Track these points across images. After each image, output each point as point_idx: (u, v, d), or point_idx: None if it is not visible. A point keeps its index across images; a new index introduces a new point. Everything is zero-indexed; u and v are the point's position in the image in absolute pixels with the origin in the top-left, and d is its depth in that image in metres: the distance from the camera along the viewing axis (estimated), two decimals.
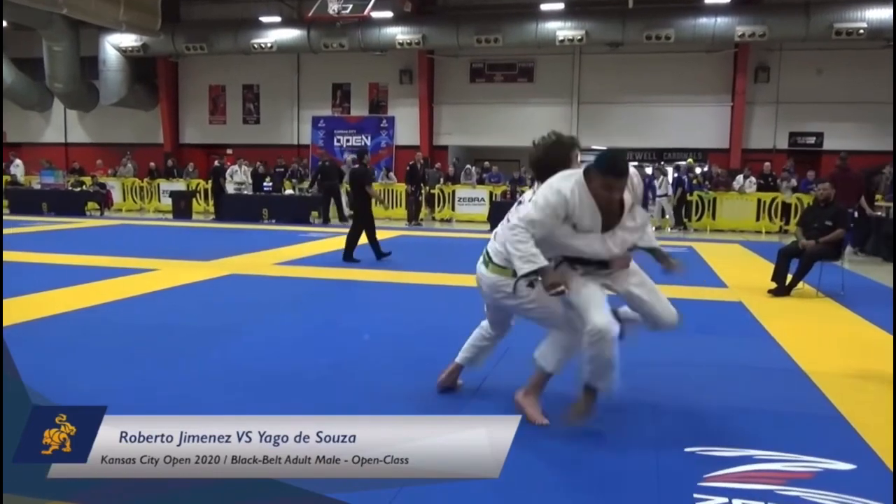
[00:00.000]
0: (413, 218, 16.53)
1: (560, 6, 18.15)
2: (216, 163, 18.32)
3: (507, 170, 19.21)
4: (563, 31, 17.92)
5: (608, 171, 3.18)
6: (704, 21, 17.20)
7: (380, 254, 9.43)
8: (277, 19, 20.14)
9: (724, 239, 14.19)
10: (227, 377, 4.16)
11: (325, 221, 16.18)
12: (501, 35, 18.40)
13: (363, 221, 9.52)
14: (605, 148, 21.63)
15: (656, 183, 16.07)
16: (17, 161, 21.13)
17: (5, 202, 18.37)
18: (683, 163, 17.67)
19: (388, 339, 5.25)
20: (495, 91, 20.84)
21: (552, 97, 20.39)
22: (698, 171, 17.47)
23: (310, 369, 4.35)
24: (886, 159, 15.27)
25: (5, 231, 12.80)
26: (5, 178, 19.94)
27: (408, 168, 17.55)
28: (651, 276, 3.61)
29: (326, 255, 10.22)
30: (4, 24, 20.48)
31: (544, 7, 18.23)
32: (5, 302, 6.03)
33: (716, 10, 17.10)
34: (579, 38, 17.84)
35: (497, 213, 10.60)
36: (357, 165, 9.94)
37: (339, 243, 11.83)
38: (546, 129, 15.82)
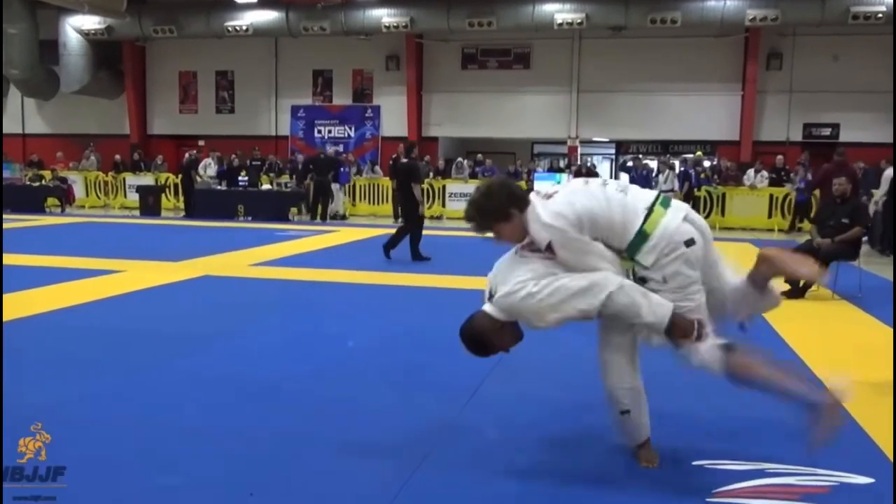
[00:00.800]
0: (400, 215, 16.51)
1: None
2: (187, 155, 18.27)
3: (502, 163, 19.24)
4: (562, 14, 17.97)
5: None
6: (713, 4, 17.29)
7: (417, 255, 9.56)
8: (254, 0, 20.08)
9: (734, 237, 14.25)
10: (198, 388, 4.15)
11: (314, 218, 16.24)
12: (495, 18, 18.43)
13: (413, 218, 9.72)
14: (606, 140, 21.79)
15: (661, 178, 16.16)
16: None
17: None
18: (690, 156, 17.78)
19: (373, 345, 5.26)
20: (489, 78, 20.87)
21: (550, 85, 20.44)
22: (707, 164, 17.57)
23: (289, 378, 4.35)
24: None
25: None
26: None
27: (391, 161, 17.45)
28: None
29: (307, 255, 10.21)
30: None
31: None
32: None
33: None
34: (579, 21, 17.89)
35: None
36: (406, 159, 9.98)
37: (321, 242, 11.86)
38: (544, 119, 16.13)
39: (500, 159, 19.75)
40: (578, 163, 19.20)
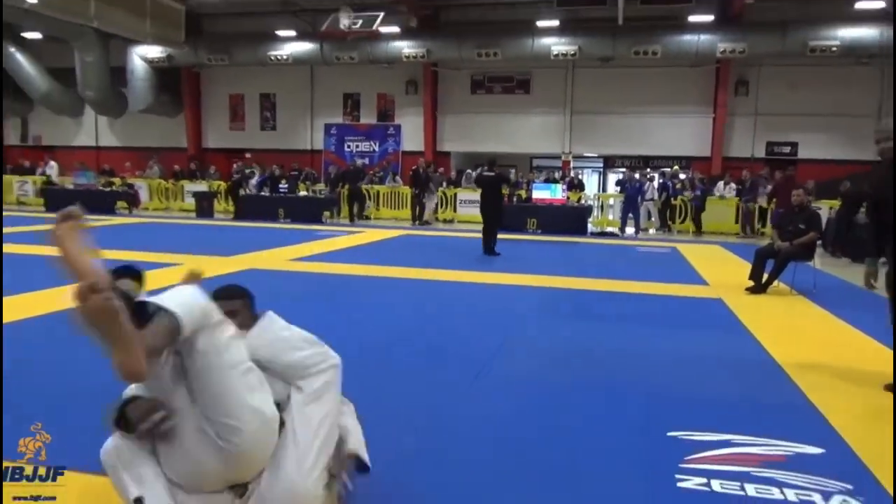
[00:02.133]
0: (417, 218, 16.58)
1: (555, 23, 18.14)
2: (235, 166, 18.33)
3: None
4: (558, 46, 17.92)
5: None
6: (689, 38, 17.18)
7: (491, 250, 9.75)
8: (293, 33, 20.15)
9: (706, 240, 14.21)
10: None
11: (351, 220, 16.66)
12: (500, 49, 18.40)
13: (496, 219, 9.95)
14: (595, 155, 21.71)
15: (646, 188, 16.07)
16: (52, 163, 21.18)
17: (42, 201, 18.41)
18: (668, 170, 17.69)
19: (391, 330, 5.28)
20: (494, 101, 20.84)
21: (547, 107, 20.39)
22: (682, 177, 17.49)
23: None
24: (854, 169, 15.35)
25: (46, 227, 12.82)
26: (41, 178, 19.99)
27: (411, 173, 17.60)
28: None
29: (338, 252, 10.24)
30: (39, 35, 20.51)
31: (540, 24, 18.22)
32: (38, 293, 6.05)
33: (699, 28, 17.09)
34: (572, 52, 17.82)
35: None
36: (490, 172, 10.13)
37: (351, 241, 11.89)
38: (541, 137, 16.08)
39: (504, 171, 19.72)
40: (570, 175, 19.16)
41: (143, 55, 21.08)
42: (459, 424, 3.28)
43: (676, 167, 18.14)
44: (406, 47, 19.12)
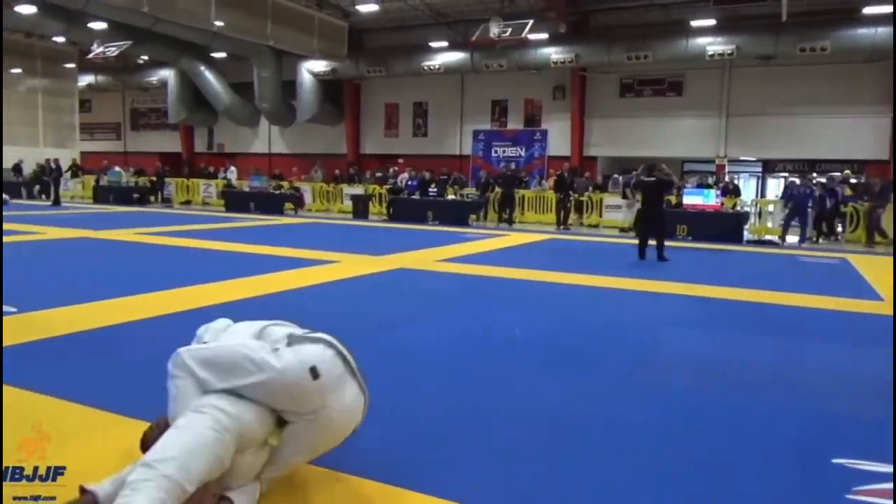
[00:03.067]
0: (562, 223, 16.34)
1: (711, 22, 17.15)
2: (392, 170, 19.00)
3: None
4: (714, 45, 16.93)
5: None
6: (863, 32, 15.54)
7: (661, 256, 9.67)
8: (445, 44, 20.64)
9: (884, 252, 12.74)
10: (395, 357, 4.26)
11: (500, 221, 16.87)
12: (651, 52, 17.70)
13: (660, 226, 9.88)
14: (753, 159, 20.28)
15: (816, 194, 14.50)
16: (232, 168, 23.24)
17: (222, 202, 20.21)
18: (837, 174, 16.06)
19: (537, 333, 5.22)
20: (644, 105, 20.10)
21: (701, 110, 19.34)
22: (853, 181, 15.81)
23: (463, 357, 4.41)
24: None
25: (225, 225, 14.08)
26: (222, 181, 21.97)
27: (555, 177, 17.39)
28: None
29: (483, 255, 10.28)
30: (224, 54, 22.56)
31: (694, 23, 17.30)
32: (231, 282, 6.63)
33: (875, 21, 15.39)
34: (729, 52, 16.76)
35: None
36: (652, 177, 10.04)
37: (496, 244, 11.93)
38: (694, 140, 15.37)
39: None
40: (726, 180, 17.99)
41: (310, 69, 22.55)
42: (594, 434, 3.17)
43: (847, 171, 16.47)
44: (554, 53, 18.94)
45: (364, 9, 19.92)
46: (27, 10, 18.16)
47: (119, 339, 4.52)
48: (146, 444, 2.19)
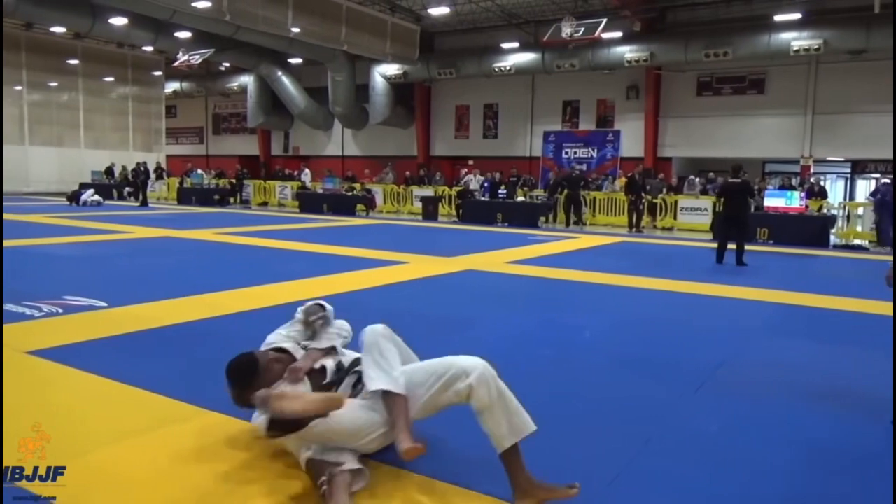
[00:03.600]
0: (634, 225, 15.93)
1: (796, 16, 16.36)
2: (463, 171, 19.01)
3: None
4: (799, 41, 16.13)
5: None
6: None
7: (740, 261, 9.42)
8: (516, 45, 20.53)
9: None
10: None
11: (567, 224, 16.57)
12: (731, 48, 17.05)
13: (743, 231, 9.66)
14: (842, 159, 19.22)
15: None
16: (307, 170, 23.85)
17: (297, 203, 20.77)
18: None
19: (605, 337, 5.09)
20: (723, 104, 19.38)
21: (784, 108, 18.48)
22: None
23: (531, 361, 4.33)
24: None
25: (299, 226, 14.45)
26: (297, 183, 22.58)
27: (626, 179, 16.95)
28: None
29: (553, 257, 10.14)
30: (300, 60, 23.18)
31: (778, 18, 16.55)
32: (302, 281, 6.78)
33: None
34: (816, 47, 15.94)
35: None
36: (737, 179, 9.82)
37: (566, 246, 11.75)
38: (776, 140, 14.65)
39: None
40: (811, 181, 17.10)
41: (382, 73, 22.90)
42: (672, 444, 3.04)
43: None
44: (628, 52, 18.52)
45: (435, 12, 20.06)
46: (119, 21, 19.22)
47: (200, 335, 4.69)
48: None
